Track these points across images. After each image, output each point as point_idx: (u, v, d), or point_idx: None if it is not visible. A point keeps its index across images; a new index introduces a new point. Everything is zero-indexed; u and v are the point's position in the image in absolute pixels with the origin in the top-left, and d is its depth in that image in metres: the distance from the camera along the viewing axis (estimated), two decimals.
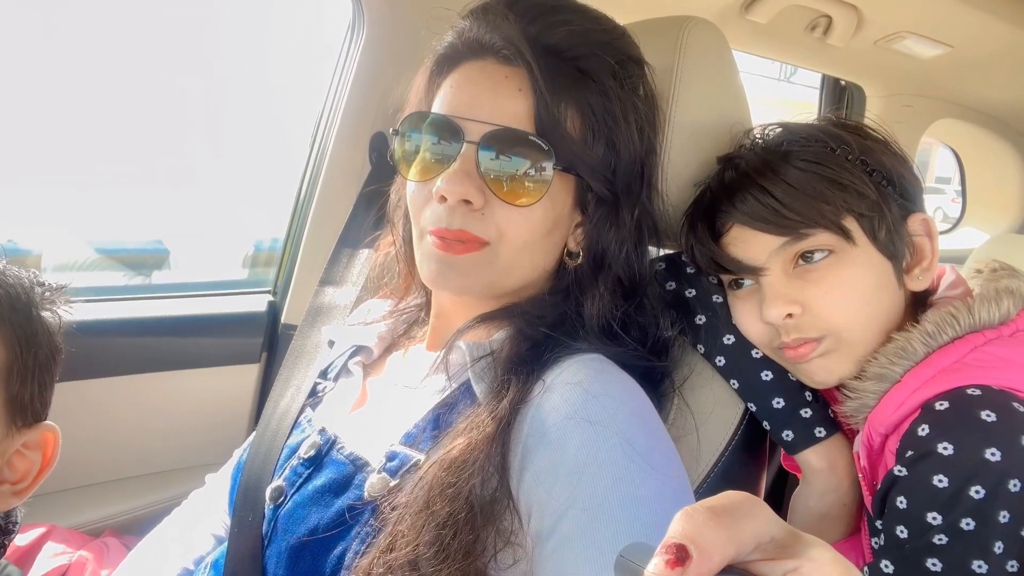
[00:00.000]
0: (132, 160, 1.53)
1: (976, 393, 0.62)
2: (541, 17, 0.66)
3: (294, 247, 1.30)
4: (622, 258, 0.71)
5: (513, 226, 0.65)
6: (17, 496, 0.61)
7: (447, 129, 0.65)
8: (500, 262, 0.67)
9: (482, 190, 0.64)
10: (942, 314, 0.68)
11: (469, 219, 0.64)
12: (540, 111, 0.63)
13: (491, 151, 0.64)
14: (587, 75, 0.66)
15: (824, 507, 0.76)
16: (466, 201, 0.64)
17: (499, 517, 0.56)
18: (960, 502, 0.59)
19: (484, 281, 0.67)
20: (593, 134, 0.66)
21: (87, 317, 1.11)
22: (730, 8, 1.44)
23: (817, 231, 0.69)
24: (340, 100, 1.22)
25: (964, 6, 1.46)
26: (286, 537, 0.64)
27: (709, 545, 0.26)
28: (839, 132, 0.73)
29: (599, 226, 0.70)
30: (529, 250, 0.68)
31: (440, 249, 0.65)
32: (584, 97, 0.65)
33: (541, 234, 0.67)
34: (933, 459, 0.60)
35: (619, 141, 0.68)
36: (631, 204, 0.70)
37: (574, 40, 0.66)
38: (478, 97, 0.65)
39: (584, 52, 0.66)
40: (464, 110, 0.65)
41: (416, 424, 0.65)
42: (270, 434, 0.75)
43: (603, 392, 0.59)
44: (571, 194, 0.69)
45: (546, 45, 0.65)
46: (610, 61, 0.67)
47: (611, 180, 0.68)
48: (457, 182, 0.63)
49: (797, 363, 0.72)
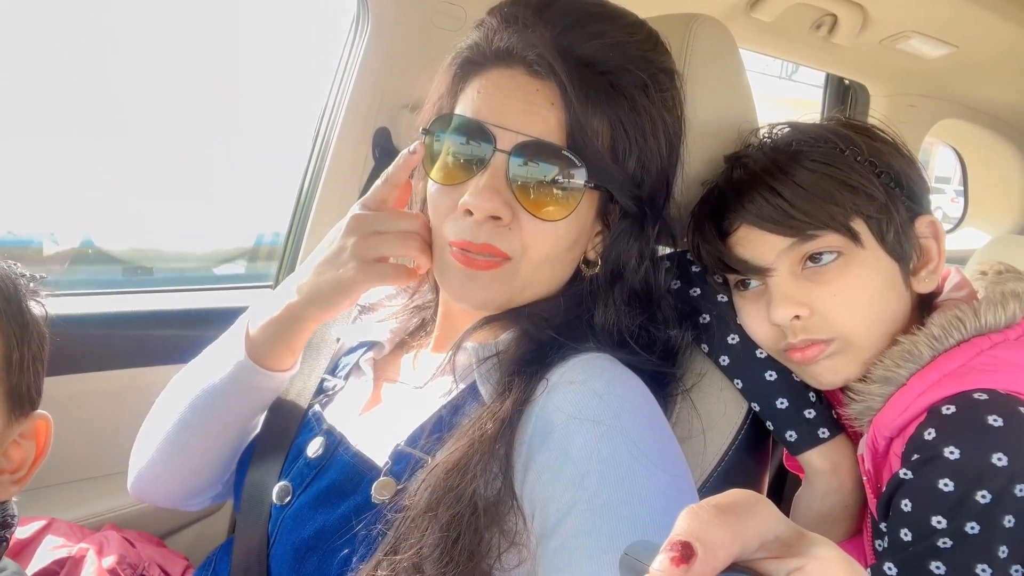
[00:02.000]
0: (131, 156, 1.53)
1: (983, 397, 0.62)
2: (574, 27, 0.64)
3: (296, 241, 1.29)
4: (641, 270, 0.70)
5: (537, 240, 0.64)
6: (16, 485, 0.62)
7: (478, 134, 0.64)
8: (520, 276, 0.66)
9: (510, 204, 0.63)
10: (948, 317, 0.68)
11: (495, 234, 0.63)
12: (573, 126, 0.62)
13: (522, 161, 0.62)
14: (619, 90, 0.64)
15: (826, 508, 0.76)
16: (494, 217, 0.62)
17: (503, 518, 0.56)
18: (966, 506, 0.58)
19: (505, 295, 0.67)
20: (624, 151, 0.65)
21: (89, 310, 1.11)
22: (736, 6, 1.43)
23: (825, 232, 0.69)
24: (344, 94, 1.21)
25: (970, 6, 1.46)
26: (292, 538, 0.63)
27: (714, 543, 0.26)
28: (848, 133, 0.73)
29: (621, 238, 0.69)
30: (550, 264, 0.67)
31: (462, 263, 0.64)
32: (616, 113, 0.64)
33: (563, 249, 0.67)
34: (939, 463, 0.60)
35: (648, 157, 0.67)
36: (655, 217, 0.70)
37: (608, 54, 0.64)
38: (509, 106, 0.63)
39: (617, 67, 0.64)
40: (494, 118, 0.63)
41: (422, 425, 0.65)
42: (276, 431, 0.74)
43: (607, 391, 0.59)
44: (594, 207, 0.68)
45: (579, 58, 0.63)
46: (642, 76, 0.65)
47: (638, 195, 0.68)
48: (487, 198, 0.61)
49: (804, 365, 0.72)
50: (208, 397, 0.73)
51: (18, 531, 0.84)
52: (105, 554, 0.86)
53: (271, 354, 0.71)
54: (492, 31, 0.66)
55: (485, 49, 0.66)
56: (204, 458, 0.77)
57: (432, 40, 1.16)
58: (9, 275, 0.62)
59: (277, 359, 0.71)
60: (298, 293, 0.69)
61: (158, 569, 0.89)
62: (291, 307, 0.69)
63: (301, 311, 0.69)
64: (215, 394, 0.73)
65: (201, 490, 0.81)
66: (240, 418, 0.75)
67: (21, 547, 0.84)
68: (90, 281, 1.47)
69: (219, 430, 0.75)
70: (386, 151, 1.18)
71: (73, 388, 1.10)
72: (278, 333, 0.70)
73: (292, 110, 1.59)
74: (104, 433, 1.14)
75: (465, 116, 0.65)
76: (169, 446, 0.76)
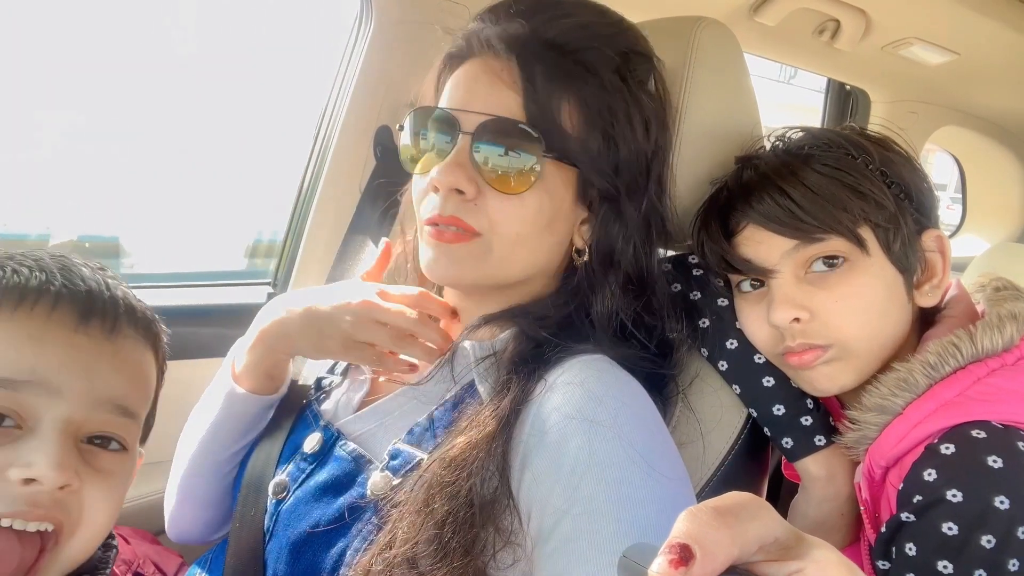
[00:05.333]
0: (129, 151, 1.52)
1: (981, 436, 0.61)
2: (542, 12, 0.67)
3: (295, 239, 1.29)
4: (630, 254, 0.70)
5: (505, 217, 0.65)
6: None
7: (445, 122, 0.66)
8: (494, 255, 0.66)
9: (474, 180, 0.65)
10: (944, 343, 0.67)
11: (461, 208, 0.65)
12: (531, 101, 0.64)
13: (484, 141, 0.64)
14: (587, 68, 0.66)
15: (821, 516, 0.76)
16: (458, 191, 0.64)
17: (499, 516, 0.56)
18: (971, 550, 0.58)
19: (477, 273, 0.67)
20: (589, 125, 0.66)
21: None
22: (739, 10, 1.43)
23: (832, 237, 0.68)
24: (346, 92, 1.21)
25: (973, 13, 1.46)
26: (287, 532, 0.64)
27: (713, 545, 0.26)
28: (862, 141, 0.73)
29: (604, 222, 0.70)
30: (524, 244, 0.67)
31: (433, 238, 0.66)
32: (582, 90, 0.65)
33: (538, 227, 0.67)
34: (943, 507, 0.60)
35: (619, 136, 0.68)
36: (636, 200, 0.70)
37: (575, 34, 0.66)
38: (474, 91, 0.66)
39: (584, 45, 0.66)
40: (461, 103, 0.66)
41: (420, 423, 0.65)
42: (273, 427, 0.75)
43: (606, 393, 0.59)
44: (571, 189, 0.69)
45: (545, 39, 0.65)
46: (611, 55, 0.67)
47: (612, 175, 0.68)
48: (449, 172, 0.64)
49: (800, 370, 0.72)
50: (209, 434, 0.77)
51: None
52: None
53: (252, 381, 0.75)
54: (475, 29, 0.69)
55: (464, 43, 0.69)
56: (219, 487, 0.80)
57: (435, 39, 1.15)
58: (131, 293, 0.62)
59: (259, 385, 0.75)
60: (280, 326, 0.73)
61: (153, 566, 0.89)
62: (264, 336, 0.73)
63: (273, 343, 0.73)
64: (215, 428, 0.77)
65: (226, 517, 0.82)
66: (244, 441, 0.78)
67: None
68: None
69: (226, 458, 0.78)
70: (388, 149, 1.18)
71: None
72: (257, 362, 0.74)
73: (293, 107, 1.59)
74: None
75: (433, 107, 0.68)
76: (185, 482, 0.81)
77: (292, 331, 0.72)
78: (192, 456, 0.79)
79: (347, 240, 1.12)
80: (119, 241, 1.48)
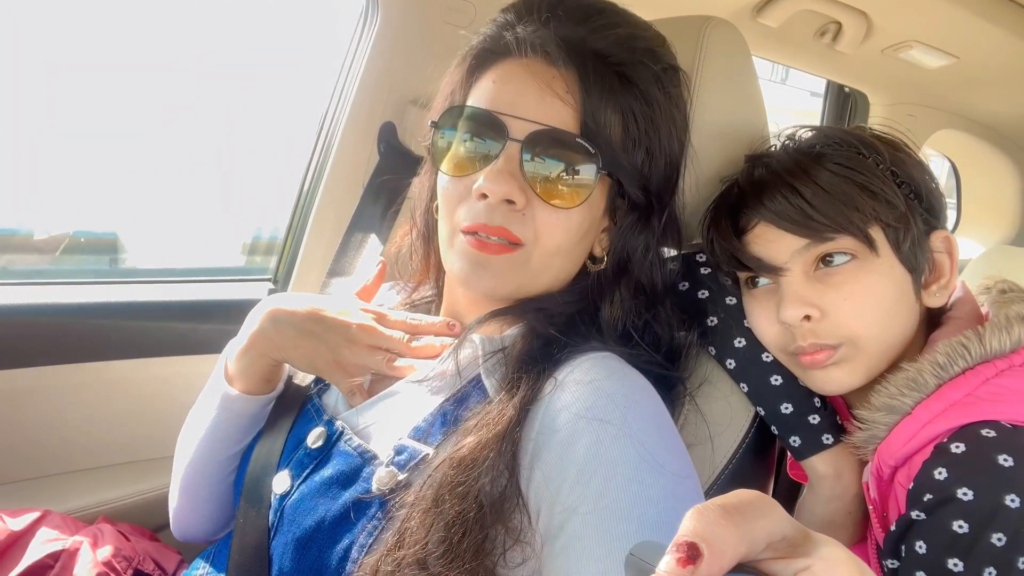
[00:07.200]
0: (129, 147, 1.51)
1: (991, 435, 0.61)
2: (589, 20, 0.65)
3: (297, 235, 1.28)
4: (647, 264, 0.70)
5: (550, 229, 0.65)
6: None
7: (489, 125, 0.64)
8: (532, 265, 0.66)
9: (524, 190, 0.63)
10: (953, 344, 0.67)
11: (510, 218, 0.63)
12: (587, 115, 0.63)
13: (535, 150, 0.63)
14: (631, 81, 0.65)
15: (829, 514, 0.76)
16: (508, 201, 0.63)
17: (508, 515, 0.56)
18: (981, 549, 0.58)
19: (515, 283, 0.67)
20: (634, 141, 0.66)
21: (83, 299, 1.10)
22: (742, 11, 1.44)
23: (842, 236, 0.69)
24: (350, 88, 1.20)
25: (973, 17, 1.47)
26: (292, 528, 0.63)
27: (720, 543, 0.26)
28: (873, 140, 0.73)
29: (628, 231, 0.70)
30: (560, 255, 0.67)
31: (475, 248, 0.65)
32: (627, 103, 0.65)
33: (576, 239, 0.67)
34: (954, 505, 0.60)
35: (657, 148, 0.68)
36: (661, 210, 0.71)
37: (621, 46, 0.65)
38: (523, 95, 0.64)
39: (629, 59, 0.65)
40: (507, 107, 0.64)
41: (425, 418, 0.65)
42: (275, 422, 0.74)
43: (615, 391, 0.59)
44: (604, 199, 0.69)
45: (594, 49, 0.64)
46: (654, 69, 0.67)
47: (646, 187, 0.68)
48: (501, 181, 0.62)
49: (810, 369, 0.72)
50: (208, 435, 0.77)
51: (12, 523, 0.83)
52: (100, 547, 0.85)
53: (245, 382, 0.74)
54: (508, 24, 0.67)
55: (500, 40, 0.67)
56: (222, 486, 0.80)
57: (440, 36, 1.15)
58: None
59: (254, 386, 0.75)
60: (271, 338, 0.72)
61: (152, 563, 0.88)
62: (255, 343, 0.73)
63: (264, 351, 0.73)
64: (213, 429, 0.77)
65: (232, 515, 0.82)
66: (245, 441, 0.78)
67: (14, 539, 0.83)
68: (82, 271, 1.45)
69: (228, 458, 0.78)
70: (391, 146, 1.17)
71: (67, 379, 1.09)
72: (248, 366, 0.74)
73: (296, 103, 1.58)
74: (98, 424, 1.13)
75: (477, 107, 0.66)
76: (188, 483, 0.80)
77: (285, 344, 0.72)
78: (192, 458, 0.79)
79: (348, 236, 1.12)
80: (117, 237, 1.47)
